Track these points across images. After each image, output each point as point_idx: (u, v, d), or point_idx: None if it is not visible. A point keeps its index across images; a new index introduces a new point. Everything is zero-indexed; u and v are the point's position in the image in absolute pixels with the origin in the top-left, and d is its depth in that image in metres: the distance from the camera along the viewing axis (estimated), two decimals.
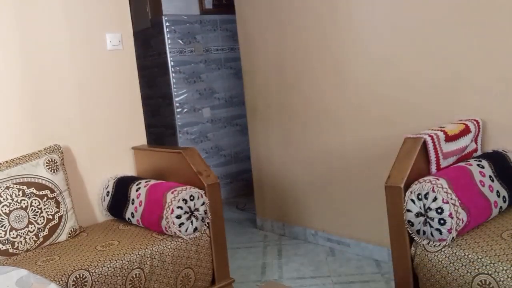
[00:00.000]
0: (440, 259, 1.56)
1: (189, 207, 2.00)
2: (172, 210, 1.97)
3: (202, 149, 4.14)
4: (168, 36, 3.91)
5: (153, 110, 4.29)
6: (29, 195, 2.05)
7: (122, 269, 1.83)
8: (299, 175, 2.95)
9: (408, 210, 1.62)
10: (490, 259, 1.45)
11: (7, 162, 2.10)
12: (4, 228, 1.97)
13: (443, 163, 1.77)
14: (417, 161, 1.69)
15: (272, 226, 3.21)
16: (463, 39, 2.03)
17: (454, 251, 1.54)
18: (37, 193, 2.08)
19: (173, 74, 3.94)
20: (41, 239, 2.05)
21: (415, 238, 1.64)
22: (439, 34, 2.11)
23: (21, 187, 2.05)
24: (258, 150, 3.21)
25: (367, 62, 2.44)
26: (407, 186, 1.64)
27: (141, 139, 2.66)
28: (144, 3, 4.09)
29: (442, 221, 1.54)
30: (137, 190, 2.20)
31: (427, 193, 1.57)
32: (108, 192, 2.38)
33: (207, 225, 2.08)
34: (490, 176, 1.72)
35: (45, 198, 2.09)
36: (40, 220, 2.06)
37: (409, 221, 1.63)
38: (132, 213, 2.19)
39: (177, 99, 3.98)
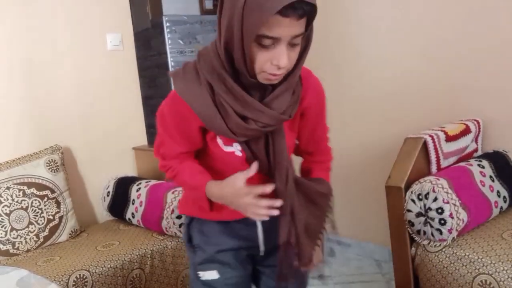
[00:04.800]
0: (441, 259, 1.56)
1: None
2: (173, 210, 1.96)
3: None
4: (169, 36, 3.90)
5: (153, 110, 4.28)
6: (30, 196, 2.05)
7: (122, 269, 1.83)
8: (299, 175, 2.93)
9: (409, 210, 1.62)
10: (490, 259, 1.44)
11: (7, 162, 2.10)
12: (5, 228, 1.97)
13: (444, 163, 1.77)
14: (417, 161, 1.69)
15: None
16: (464, 39, 2.03)
17: (455, 251, 1.54)
18: (38, 193, 2.08)
19: None
20: (41, 240, 2.05)
21: (415, 238, 1.64)
22: (440, 34, 2.11)
23: (21, 187, 2.05)
24: None
25: (367, 63, 2.44)
26: (408, 186, 1.64)
27: (142, 139, 2.67)
28: (144, 4, 4.08)
29: (442, 221, 1.54)
30: (137, 191, 2.20)
31: (428, 193, 1.57)
32: (108, 192, 2.37)
33: None
34: (490, 176, 1.72)
35: (46, 198, 2.09)
36: (41, 221, 2.06)
37: (409, 221, 1.63)
38: (132, 214, 2.18)
39: None
